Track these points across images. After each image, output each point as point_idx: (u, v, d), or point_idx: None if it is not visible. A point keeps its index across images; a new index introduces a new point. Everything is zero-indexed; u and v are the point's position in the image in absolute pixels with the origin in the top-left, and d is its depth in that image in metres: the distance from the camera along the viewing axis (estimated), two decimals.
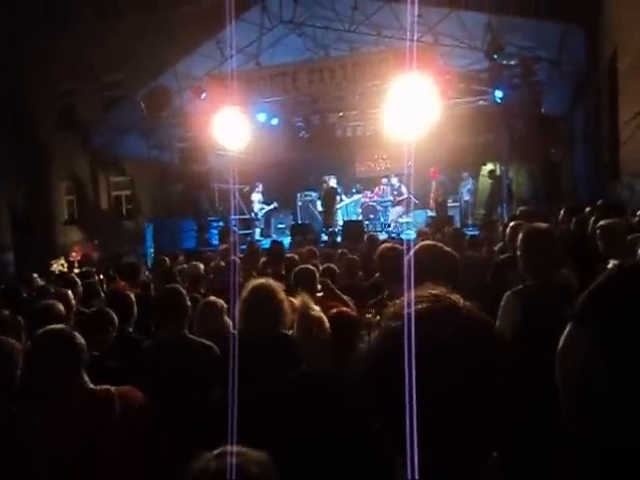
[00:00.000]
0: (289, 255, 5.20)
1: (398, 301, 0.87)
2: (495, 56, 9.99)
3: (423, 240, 5.95)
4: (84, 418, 2.07)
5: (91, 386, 2.16)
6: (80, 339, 2.19)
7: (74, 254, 15.80)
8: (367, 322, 2.94)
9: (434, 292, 0.86)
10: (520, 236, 2.77)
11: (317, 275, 3.88)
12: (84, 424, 2.05)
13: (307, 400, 2.26)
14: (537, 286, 2.69)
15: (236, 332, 2.83)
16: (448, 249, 2.36)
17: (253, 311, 2.81)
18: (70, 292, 4.23)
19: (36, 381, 2.18)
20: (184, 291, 3.27)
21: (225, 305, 3.56)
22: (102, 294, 5.45)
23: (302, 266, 4.05)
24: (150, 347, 3.18)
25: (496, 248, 5.66)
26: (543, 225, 2.88)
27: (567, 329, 2.20)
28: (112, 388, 2.17)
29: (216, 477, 1.10)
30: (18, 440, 2.06)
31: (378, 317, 2.51)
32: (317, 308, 2.71)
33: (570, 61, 10.08)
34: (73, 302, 4.17)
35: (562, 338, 2.21)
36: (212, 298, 3.54)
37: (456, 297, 0.86)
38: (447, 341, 0.78)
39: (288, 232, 13.66)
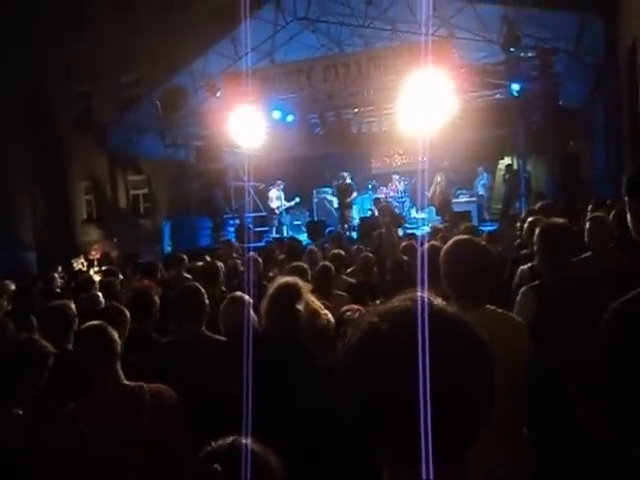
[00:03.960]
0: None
1: (378, 302, 0.90)
2: (512, 48, 9.87)
3: (437, 237, 5.93)
4: (116, 412, 2.11)
5: (125, 382, 2.19)
6: (114, 334, 2.23)
7: (93, 252, 16.02)
8: (348, 319, 2.93)
9: (418, 294, 0.87)
10: (537, 231, 2.76)
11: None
12: (116, 418, 2.09)
13: (318, 400, 2.27)
14: (553, 281, 2.67)
15: (250, 330, 2.84)
16: (483, 244, 2.35)
17: (277, 309, 2.81)
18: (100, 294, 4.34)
19: (76, 374, 2.22)
20: (202, 289, 3.29)
21: (252, 301, 3.56)
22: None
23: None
24: (168, 344, 3.21)
25: (515, 244, 5.61)
26: (560, 220, 2.86)
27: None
28: (145, 385, 2.20)
29: (224, 459, 1.19)
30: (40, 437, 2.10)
31: (357, 314, 2.53)
32: (324, 309, 2.71)
33: (588, 52, 9.91)
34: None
35: None
36: (238, 293, 3.52)
37: (436, 299, 0.86)
38: (419, 340, 0.77)
39: (304, 229, 13.69)
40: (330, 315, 2.46)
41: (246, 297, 3.40)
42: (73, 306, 3.38)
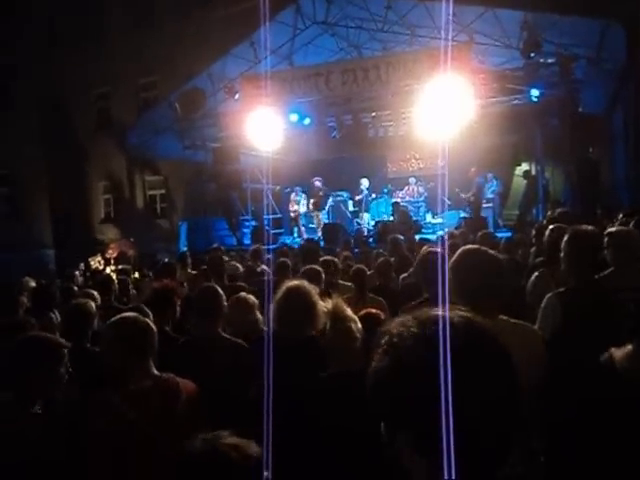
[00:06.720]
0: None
1: (419, 311, 0.92)
2: (532, 54, 9.81)
3: (452, 243, 5.91)
4: (155, 400, 2.12)
5: (157, 372, 2.21)
6: (152, 326, 2.25)
7: (110, 251, 16.18)
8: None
9: (458, 309, 0.91)
10: (566, 237, 2.75)
11: (322, 275, 3.99)
12: (154, 405, 2.11)
13: (335, 400, 2.28)
14: (580, 288, 2.65)
15: (270, 332, 2.86)
16: (493, 253, 2.33)
17: (285, 312, 2.82)
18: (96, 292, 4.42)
19: (108, 364, 2.23)
20: (221, 290, 3.31)
21: (257, 301, 3.59)
22: (133, 291, 5.63)
23: (308, 266, 4.13)
24: (186, 344, 3.24)
25: (531, 251, 5.57)
26: (589, 227, 2.85)
27: None
28: (175, 377, 2.23)
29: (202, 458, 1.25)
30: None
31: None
32: (349, 309, 2.73)
33: (610, 59, 9.80)
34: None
35: None
36: (243, 294, 3.54)
37: (474, 316, 0.90)
38: (458, 356, 0.80)
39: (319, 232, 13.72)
40: (359, 324, 2.47)
41: (251, 298, 3.45)
42: (93, 304, 3.42)
